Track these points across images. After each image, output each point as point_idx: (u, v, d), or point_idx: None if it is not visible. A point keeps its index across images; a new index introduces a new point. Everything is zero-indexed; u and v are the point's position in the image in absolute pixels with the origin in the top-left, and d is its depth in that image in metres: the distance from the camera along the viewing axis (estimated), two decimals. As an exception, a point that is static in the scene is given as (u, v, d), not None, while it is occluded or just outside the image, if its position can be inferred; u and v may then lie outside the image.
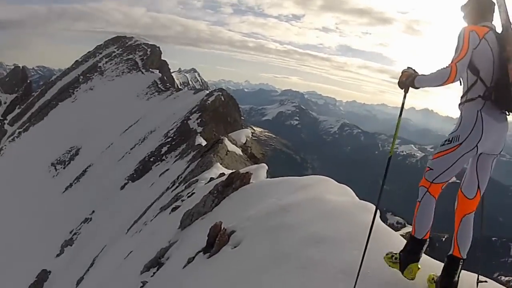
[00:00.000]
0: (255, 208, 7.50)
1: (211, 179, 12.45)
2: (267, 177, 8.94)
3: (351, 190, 8.27)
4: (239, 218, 7.41)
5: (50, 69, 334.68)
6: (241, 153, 19.12)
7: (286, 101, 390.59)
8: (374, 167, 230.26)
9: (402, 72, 4.67)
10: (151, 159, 38.35)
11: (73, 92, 70.03)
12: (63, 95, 69.97)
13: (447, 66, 4.06)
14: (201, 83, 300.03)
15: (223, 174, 12.33)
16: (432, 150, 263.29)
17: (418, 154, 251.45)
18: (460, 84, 4.33)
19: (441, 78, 4.05)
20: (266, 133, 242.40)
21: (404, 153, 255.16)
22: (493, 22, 4.41)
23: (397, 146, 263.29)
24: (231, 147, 18.58)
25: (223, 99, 46.14)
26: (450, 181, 4.56)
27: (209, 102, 44.24)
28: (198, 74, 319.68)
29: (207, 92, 51.51)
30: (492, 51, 4.12)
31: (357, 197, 7.90)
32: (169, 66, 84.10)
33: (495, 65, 4.13)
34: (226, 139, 19.33)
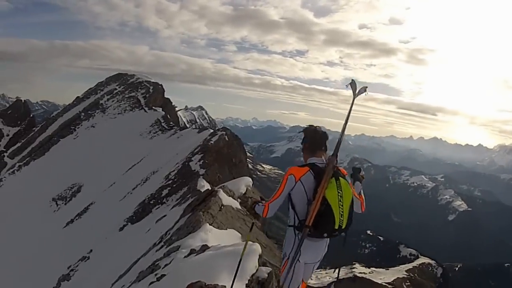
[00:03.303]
0: None
1: (192, 251, 10.64)
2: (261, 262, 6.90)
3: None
4: None
5: (55, 104, 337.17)
6: (238, 207, 16.95)
7: (295, 137, 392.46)
8: (385, 200, 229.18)
9: (251, 200, 5.95)
10: (151, 202, 36.81)
11: (75, 129, 69.37)
12: (64, 132, 69.31)
13: (264, 204, 5.28)
14: (208, 121, 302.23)
15: (205, 247, 10.50)
16: (443, 179, 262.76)
17: (428, 185, 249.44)
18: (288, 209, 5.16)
19: (260, 212, 5.32)
20: (276, 171, 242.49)
21: (415, 184, 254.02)
22: (325, 153, 5.45)
23: (407, 178, 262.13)
24: (226, 200, 16.37)
25: (227, 139, 44.65)
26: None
27: (212, 142, 42.71)
28: (206, 112, 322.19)
29: (211, 131, 50.15)
30: (305, 191, 4.92)
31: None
32: (175, 104, 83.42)
33: (308, 202, 4.89)
34: (221, 190, 17.27)
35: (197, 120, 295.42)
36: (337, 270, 9.00)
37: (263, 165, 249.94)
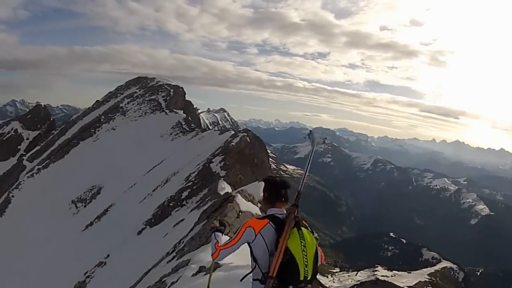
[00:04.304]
0: None
1: (201, 269, 9.87)
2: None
3: None
4: None
5: (76, 108, 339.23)
6: (259, 212, 15.87)
7: (317, 139, 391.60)
8: (408, 202, 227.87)
9: (211, 225, 5.93)
10: (171, 204, 36.41)
11: (95, 131, 69.52)
12: (84, 134, 69.44)
13: (216, 247, 4.95)
14: (231, 123, 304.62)
15: (216, 264, 9.65)
16: (465, 183, 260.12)
17: (451, 188, 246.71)
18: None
19: (212, 250, 4.98)
20: (299, 171, 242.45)
21: (438, 187, 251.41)
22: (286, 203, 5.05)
23: (430, 180, 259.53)
24: (245, 205, 15.25)
25: (248, 140, 44.16)
26: None
27: (233, 143, 42.24)
28: (228, 114, 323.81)
29: (233, 132, 49.71)
30: (266, 244, 4.66)
31: None
32: (197, 107, 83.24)
33: (270, 253, 4.65)
34: (239, 195, 16.43)
35: (220, 122, 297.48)
36: (359, 273, 8.90)
37: (286, 165, 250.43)
